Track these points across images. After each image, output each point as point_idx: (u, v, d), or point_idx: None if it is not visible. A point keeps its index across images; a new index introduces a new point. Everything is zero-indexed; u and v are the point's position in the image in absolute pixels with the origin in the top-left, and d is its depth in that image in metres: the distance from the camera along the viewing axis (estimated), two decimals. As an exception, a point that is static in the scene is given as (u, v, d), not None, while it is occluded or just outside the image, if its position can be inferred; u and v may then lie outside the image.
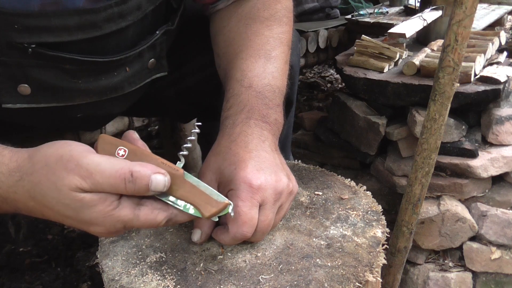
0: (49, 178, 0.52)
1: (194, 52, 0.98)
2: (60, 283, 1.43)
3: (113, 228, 0.54)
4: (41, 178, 0.53)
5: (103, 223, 0.53)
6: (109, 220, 0.53)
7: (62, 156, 0.52)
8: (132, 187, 0.52)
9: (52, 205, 0.54)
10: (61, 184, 0.51)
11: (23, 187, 0.54)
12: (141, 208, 0.54)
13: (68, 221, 0.56)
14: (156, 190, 0.53)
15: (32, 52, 0.66)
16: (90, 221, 0.54)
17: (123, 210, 0.53)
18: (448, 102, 1.04)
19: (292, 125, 1.21)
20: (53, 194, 0.52)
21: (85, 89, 0.76)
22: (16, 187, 0.55)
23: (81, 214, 0.53)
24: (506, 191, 1.40)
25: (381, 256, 0.69)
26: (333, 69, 3.00)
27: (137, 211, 0.54)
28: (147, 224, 0.55)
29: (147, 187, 0.52)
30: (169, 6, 0.84)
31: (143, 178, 0.52)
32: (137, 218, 0.54)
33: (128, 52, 0.77)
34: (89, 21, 0.68)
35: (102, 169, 0.51)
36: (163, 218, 0.55)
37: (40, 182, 0.53)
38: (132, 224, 0.54)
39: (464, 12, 0.95)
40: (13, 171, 0.55)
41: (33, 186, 0.53)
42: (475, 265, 1.38)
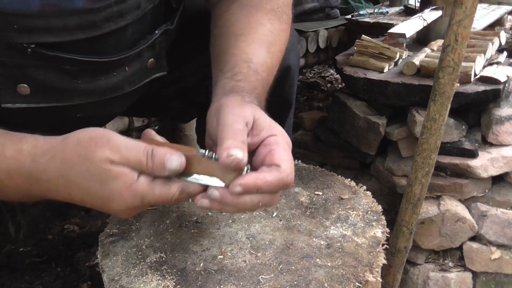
0: (80, 153, 0.57)
1: (194, 51, 0.98)
2: (60, 283, 1.43)
3: (131, 202, 0.57)
4: (72, 155, 0.57)
5: (123, 196, 0.57)
6: (129, 193, 0.57)
7: (94, 135, 0.58)
8: (151, 162, 0.57)
9: (80, 181, 0.57)
10: (92, 156, 0.56)
11: (54, 165, 0.58)
12: (156, 181, 0.58)
13: (91, 199, 0.59)
14: (171, 168, 0.57)
15: (32, 53, 0.66)
16: (112, 195, 0.57)
17: (141, 184, 0.57)
18: (448, 102, 1.04)
19: (292, 125, 1.21)
20: (82, 167, 0.57)
21: (84, 89, 0.76)
22: (48, 166, 0.58)
23: (105, 186, 0.57)
24: (506, 191, 1.40)
25: (381, 256, 0.69)
26: (333, 69, 3.00)
27: (152, 184, 0.58)
28: (163, 196, 0.58)
29: (163, 164, 0.57)
30: (168, 5, 0.84)
31: (160, 155, 0.57)
32: (152, 191, 0.57)
33: (128, 52, 0.77)
34: (89, 21, 0.68)
35: (129, 145, 0.57)
36: (176, 189, 0.58)
37: (71, 159, 0.57)
38: (148, 198, 0.58)
39: (464, 12, 0.95)
40: (47, 151, 0.59)
41: (64, 163, 0.57)
42: (475, 265, 1.38)
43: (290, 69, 1.02)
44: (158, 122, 2.16)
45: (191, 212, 0.79)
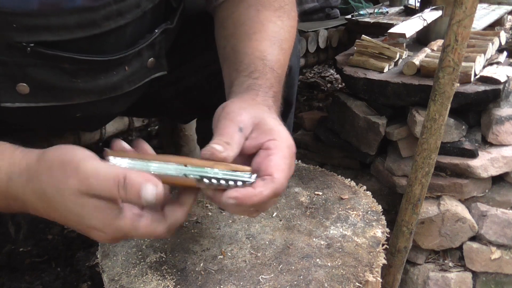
0: (52, 181, 0.53)
1: (194, 52, 0.98)
2: (60, 283, 1.43)
3: (114, 235, 0.55)
4: (46, 180, 0.54)
5: (104, 230, 0.54)
6: (110, 230, 0.54)
7: (64, 160, 0.53)
8: (124, 193, 0.51)
9: (57, 208, 0.54)
10: (62, 188, 0.53)
11: (31, 188, 0.55)
12: (141, 220, 0.54)
13: (72, 225, 0.56)
14: (147, 199, 0.51)
15: (31, 51, 0.66)
16: (92, 227, 0.54)
17: (123, 220, 0.53)
18: (448, 102, 1.04)
19: (292, 125, 1.21)
20: (57, 197, 0.53)
21: (84, 89, 0.76)
22: (25, 188, 0.56)
23: (83, 220, 0.54)
24: (506, 191, 1.40)
25: (381, 256, 0.69)
26: (333, 69, 3.00)
27: (137, 222, 0.53)
28: (147, 235, 0.55)
29: (139, 194, 0.51)
30: (168, 5, 0.84)
31: (134, 185, 0.51)
32: (135, 230, 0.54)
33: (127, 51, 0.76)
34: (88, 19, 0.68)
35: (98, 173, 0.52)
36: (162, 230, 0.54)
37: (46, 184, 0.54)
38: (131, 235, 0.55)
39: (464, 12, 0.95)
40: (23, 172, 0.56)
41: (40, 187, 0.54)
42: (475, 265, 1.38)
43: (290, 69, 1.02)
44: (158, 122, 2.16)
45: (191, 212, 0.79)
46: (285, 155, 0.58)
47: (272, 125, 0.61)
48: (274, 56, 0.74)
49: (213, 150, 0.55)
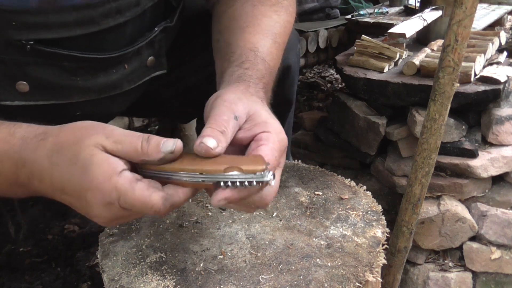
0: (73, 138, 0.56)
1: (194, 51, 0.98)
2: (60, 283, 1.43)
3: (107, 198, 0.53)
4: (65, 138, 0.56)
5: (100, 188, 0.53)
6: (107, 186, 0.53)
7: (89, 123, 0.58)
8: (146, 145, 0.55)
9: (63, 165, 0.55)
10: (83, 141, 0.55)
11: (44, 146, 0.56)
12: (138, 183, 0.54)
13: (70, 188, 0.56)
14: (167, 149, 0.55)
15: (30, 49, 0.66)
16: (90, 184, 0.54)
17: (122, 178, 0.53)
18: (448, 102, 1.04)
19: (292, 125, 1.21)
20: (70, 151, 0.55)
21: (83, 87, 0.76)
22: (38, 147, 0.57)
23: (86, 174, 0.54)
24: (506, 191, 1.40)
25: (381, 256, 0.69)
26: (333, 69, 3.00)
27: (134, 183, 0.54)
28: (142, 200, 0.53)
29: (159, 146, 0.55)
30: (168, 4, 0.84)
31: (156, 139, 0.55)
32: (132, 190, 0.53)
33: (127, 49, 0.76)
34: (87, 17, 0.68)
35: (124, 131, 0.57)
36: (158, 197, 0.53)
37: (62, 142, 0.56)
38: (127, 198, 0.53)
39: (464, 12, 0.95)
40: (39, 134, 0.58)
41: (54, 145, 0.56)
42: (475, 265, 1.37)
43: (290, 68, 1.02)
44: (158, 122, 2.16)
45: (191, 212, 0.79)
46: (275, 147, 0.58)
47: (266, 118, 0.61)
48: (266, 48, 0.74)
49: (206, 148, 0.55)
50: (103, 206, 0.55)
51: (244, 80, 0.67)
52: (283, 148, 0.60)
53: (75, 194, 0.56)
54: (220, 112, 0.59)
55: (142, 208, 0.54)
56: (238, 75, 0.68)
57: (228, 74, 0.70)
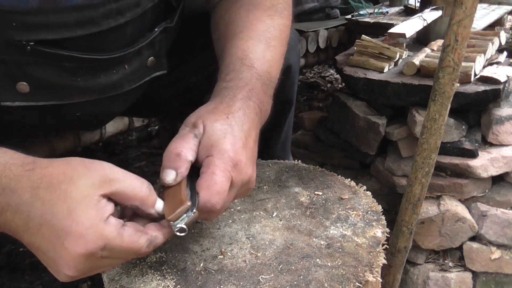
0: (66, 172, 0.53)
1: (194, 51, 0.98)
2: (60, 283, 1.42)
3: (92, 246, 0.51)
4: (56, 172, 0.53)
5: (85, 235, 0.50)
6: (93, 234, 0.51)
7: (85, 160, 0.56)
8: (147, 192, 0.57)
9: (48, 200, 0.51)
10: (80, 177, 0.52)
11: (29, 177, 0.53)
12: (125, 229, 0.54)
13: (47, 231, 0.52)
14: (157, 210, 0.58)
15: (31, 50, 0.66)
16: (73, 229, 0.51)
17: (109, 225, 0.52)
18: (448, 102, 1.04)
19: (292, 125, 1.21)
20: (61, 186, 0.52)
21: (84, 87, 0.76)
22: (22, 176, 0.53)
23: (71, 216, 0.51)
24: (506, 191, 1.40)
25: (381, 256, 0.69)
26: (333, 69, 3.00)
27: (122, 230, 0.53)
28: (129, 245, 0.53)
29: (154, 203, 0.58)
30: (168, 4, 0.84)
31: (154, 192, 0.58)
32: (120, 238, 0.52)
33: (127, 49, 0.77)
34: (87, 17, 0.68)
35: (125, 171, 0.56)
36: (143, 242, 0.55)
37: (51, 175, 0.53)
38: (112, 244, 0.52)
39: (464, 12, 0.95)
40: (27, 163, 0.54)
41: (42, 177, 0.53)
42: (475, 265, 1.37)
43: (290, 68, 1.02)
44: (158, 122, 2.16)
45: (191, 212, 0.79)
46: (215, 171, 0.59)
47: (215, 139, 0.62)
48: (258, 53, 0.74)
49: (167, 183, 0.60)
50: (83, 256, 0.51)
51: (219, 96, 0.68)
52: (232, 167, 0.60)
53: (52, 237, 0.52)
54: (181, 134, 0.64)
55: (127, 254, 0.54)
56: (218, 90, 0.70)
57: (215, 89, 0.71)
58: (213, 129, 0.63)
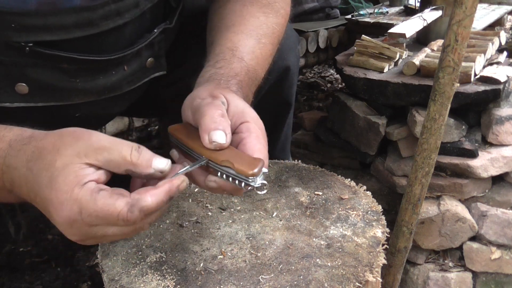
0: (55, 143, 0.53)
1: (193, 51, 0.98)
2: (60, 283, 1.43)
3: (68, 213, 0.51)
4: (47, 144, 0.54)
5: (62, 201, 0.51)
6: (68, 199, 0.50)
7: (77, 130, 0.55)
8: (137, 155, 0.53)
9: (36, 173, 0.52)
10: (64, 147, 0.52)
11: (25, 151, 0.54)
12: (100, 192, 0.51)
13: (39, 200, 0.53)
14: (158, 168, 0.53)
15: (30, 51, 0.66)
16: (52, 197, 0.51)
17: (83, 189, 0.51)
18: (448, 102, 1.04)
19: (291, 126, 1.21)
20: (47, 158, 0.52)
21: (83, 88, 0.76)
22: (20, 152, 0.55)
23: (51, 184, 0.51)
24: (506, 191, 1.40)
25: (381, 256, 0.69)
26: (333, 69, 3.00)
27: (95, 193, 0.51)
28: (103, 208, 0.50)
29: (150, 161, 0.53)
30: (167, 4, 0.84)
31: (149, 153, 0.54)
32: (93, 201, 0.50)
33: (126, 50, 0.76)
34: (86, 19, 0.68)
35: (113, 139, 0.54)
36: (123, 204, 0.50)
37: (43, 147, 0.54)
38: (88, 210, 0.50)
39: (464, 12, 0.95)
40: (25, 138, 0.56)
41: (35, 150, 0.54)
42: (475, 265, 1.37)
43: (289, 69, 1.02)
44: (158, 122, 2.15)
45: (191, 212, 0.79)
46: (259, 135, 0.59)
47: (243, 107, 0.62)
48: (248, 47, 0.74)
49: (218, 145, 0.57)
50: (67, 223, 0.52)
51: (214, 79, 0.68)
52: (264, 134, 0.61)
53: (43, 206, 0.54)
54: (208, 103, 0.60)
55: (107, 218, 0.51)
56: (209, 76, 0.69)
57: (201, 76, 0.70)
58: (235, 99, 0.63)
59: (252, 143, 0.58)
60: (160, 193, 0.52)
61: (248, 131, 0.59)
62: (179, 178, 0.54)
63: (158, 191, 0.52)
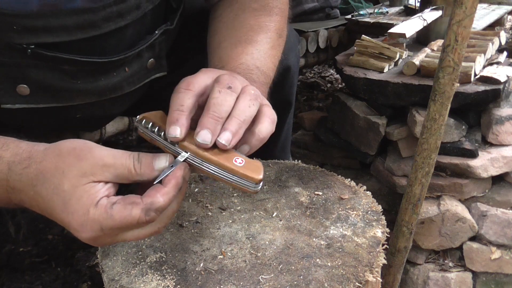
0: (58, 165, 0.54)
1: (193, 51, 0.98)
2: (60, 283, 1.43)
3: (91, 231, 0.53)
4: (49, 165, 0.54)
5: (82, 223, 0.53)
6: (87, 221, 0.52)
7: (76, 147, 0.55)
8: (139, 166, 0.54)
9: (47, 197, 0.54)
10: (68, 171, 0.53)
11: (27, 175, 0.55)
12: (114, 207, 0.53)
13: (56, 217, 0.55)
14: (160, 166, 0.55)
15: (31, 53, 0.66)
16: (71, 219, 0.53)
17: (97, 209, 0.52)
18: (448, 102, 1.04)
19: (291, 126, 1.21)
20: (54, 181, 0.53)
21: (84, 90, 0.76)
22: (22, 176, 0.55)
23: (67, 207, 0.53)
24: (506, 191, 1.40)
25: (381, 256, 0.69)
26: (333, 69, 3.00)
27: (110, 210, 0.52)
28: (122, 221, 0.52)
29: (152, 165, 0.55)
30: (168, 6, 0.84)
31: (147, 157, 0.55)
32: (111, 217, 0.52)
33: (127, 52, 0.77)
34: (88, 21, 0.68)
35: (113, 153, 0.55)
36: (139, 212, 0.52)
37: (45, 170, 0.54)
38: (109, 225, 0.52)
39: (464, 12, 0.95)
40: (24, 160, 0.56)
41: (38, 173, 0.54)
42: (475, 265, 1.38)
43: (289, 69, 1.02)
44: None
45: (191, 212, 0.79)
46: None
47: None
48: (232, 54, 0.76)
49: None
50: (92, 241, 0.54)
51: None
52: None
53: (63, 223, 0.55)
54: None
55: (128, 227, 0.53)
56: None
57: None
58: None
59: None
60: (169, 190, 0.54)
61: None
62: (180, 168, 0.55)
63: (167, 189, 0.54)
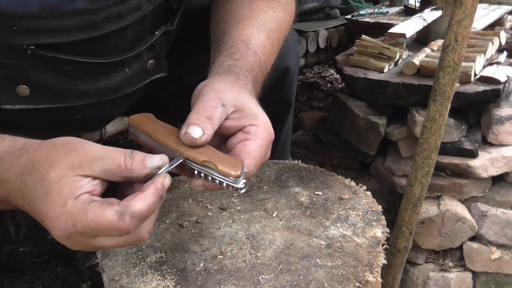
0: (48, 156, 0.53)
1: (193, 51, 0.98)
2: (60, 283, 1.43)
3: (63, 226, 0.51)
4: (39, 155, 0.53)
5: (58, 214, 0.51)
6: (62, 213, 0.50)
7: (70, 141, 0.54)
8: (130, 161, 0.53)
9: (31, 184, 0.52)
10: (58, 159, 0.52)
11: (17, 164, 0.54)
12: (92, 203, 0.50)
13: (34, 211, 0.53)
14: (153, 165, 0.54)
15: (31, 54, 0.66)
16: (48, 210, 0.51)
17: (76, 202, 0.50)
18: (448, 102, 1.04)
19: (291, 126, 1.21)
20: (41, 170, 0.52)
21: (84, 91, 0.76)
22: (12, 165, 0.54)
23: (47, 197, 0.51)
24: (506, 191, 1.40)
25: (381, 256, 0.69)
26: (333, 69, 3.00)
27: (86, 204, 0.50)
28: (93, 219, 0.50)
29: (144, 161, 0.53)
30: (169, 6, 0.84)
31: (141, 154, 0.54)
32: (84, 213, 0.50)
33: (127, 53, 0.76)
34: (88, 22, 0.68)
35: (105, 147, 0.54)
36: (112, 213, 0.49)
37: (35, 159, 0.53)
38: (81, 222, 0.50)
39: (464, 12, 0.95)
40: (17, 150, 0.55)
41: (27, 162, 0.53)
42: (475, 265, 1.37)
43: (289, 69, 1.02)
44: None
45: (191, 212, 0.79)
46: (262, 144, 0.59)
47: (255, 111, 0.62)
48: (259, 41, 0.74)
49: (192, 139, 0.56)
50: (64, 236, 0.52)
51: (233, 72, 0.67)
52: (270, 142, 0.61)
53: (39, 219, 0.54)
54: (207, 98, 0.59)
55: (99, 229, 0.50)
56: (227, 66, 0.69)
57: (217, 64, 0.70)
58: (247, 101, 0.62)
59: (252, 148, 0.58)
60: (148, 195, 0.51)
61: (255, 135, 0.59)
62: (161, 175, 0.54)
63: (145, 194, 0.51)
